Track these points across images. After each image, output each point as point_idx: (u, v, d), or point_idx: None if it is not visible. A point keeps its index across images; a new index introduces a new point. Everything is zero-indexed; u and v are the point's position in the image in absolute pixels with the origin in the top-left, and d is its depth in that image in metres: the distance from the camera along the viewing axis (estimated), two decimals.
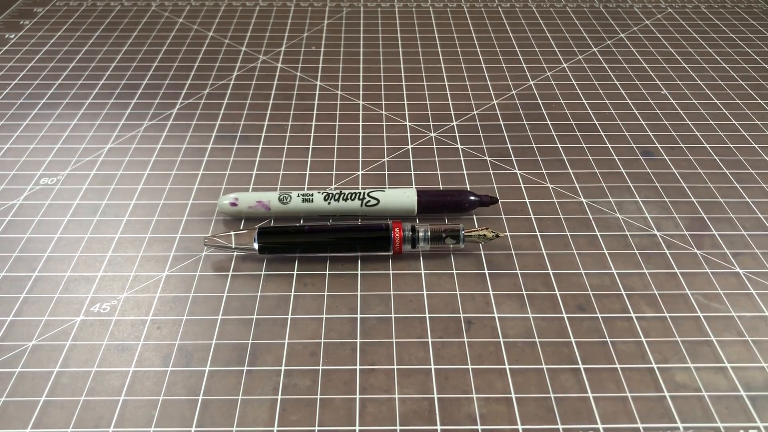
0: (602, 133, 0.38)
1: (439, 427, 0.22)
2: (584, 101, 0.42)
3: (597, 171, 0.35)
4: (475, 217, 0.32)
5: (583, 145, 0.37)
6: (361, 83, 0.44)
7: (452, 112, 0.40)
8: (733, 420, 0.22)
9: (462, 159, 0.36)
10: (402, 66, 0.46)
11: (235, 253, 0.29)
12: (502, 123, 0.39)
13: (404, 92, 0.43)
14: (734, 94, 0.42)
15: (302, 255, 0.29)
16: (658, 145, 0.37)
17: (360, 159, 0.36)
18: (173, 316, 0.26)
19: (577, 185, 0.34)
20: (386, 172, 0.35)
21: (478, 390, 0.23)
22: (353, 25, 0.52)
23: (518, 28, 0.52)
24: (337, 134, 0.38)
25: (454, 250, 0.29)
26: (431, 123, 0.39)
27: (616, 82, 0.44)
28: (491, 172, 0.35)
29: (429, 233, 0.29)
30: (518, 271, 0.29)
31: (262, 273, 0.29)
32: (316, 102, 0.42)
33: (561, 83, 0.44)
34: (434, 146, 0.37)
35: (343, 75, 0.45)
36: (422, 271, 0.29)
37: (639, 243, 0.30)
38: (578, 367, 0.24)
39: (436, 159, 0.36)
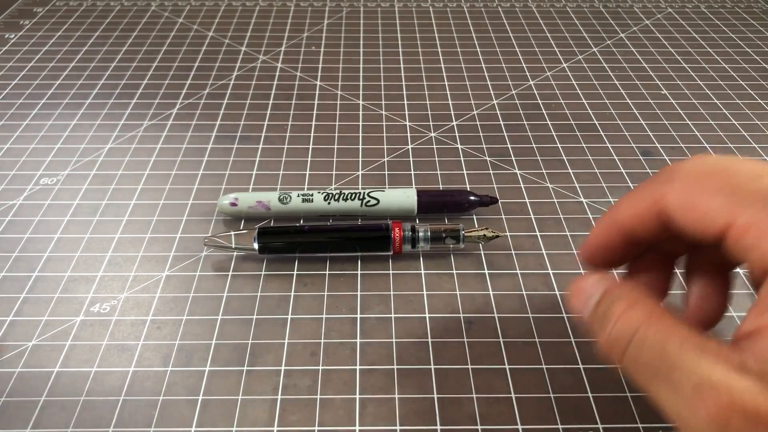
0: (602, 133, 0.38)
1: (439, 427, 0.22)
2: (584, 101, 0.42)
3: (597, 171, 0.35)
4: (475, 216, 0.32)
5: (583, 145, 0.37)
6: (361, 83, 0.44)
7: (452, 112, 0.40)
8: None
9: (462, 159, 0.36)
10: (402, 66, 0.46)
11: (235, 253, 0.29)
12: (502, 123, 0.39)
13: (404, 92, 0.43)
14: (734, 94, 0.42)
15: (302, 255, 0.29)
16: (658, 145, 0.37)
17: (360, 159, 0.36)
18: (173, 316, 0.26)
19: (577, 185, 0.34)
20: (386, 172, 0.35)
21: (478, 390, 0.23)
22: (353, 25, 0.52)
23: (518, 28, 0.52)
24: (337, 134, 0.38)
25: (454, 250, 0.29)
26: (431, 123, 0.39)
27: (616, 82, 0.44)
28: (491, 172, 0.35)
29: (429, 233, 0.29)
30: (518, 271, 0.29)
31: (262, 273, 0.29)
32: (316, 102, 0.42)
33: (561, 83, 0.44)
34: (434, 146, 0.37)
35: (343, 75, 0.45)
36: (422, 271, 0.29)
37: None
38: (578, 367, 0.24)
39: (436, 159, 0.36)
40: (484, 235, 0.29)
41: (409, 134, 0.38)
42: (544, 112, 0.41)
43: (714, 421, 0.14)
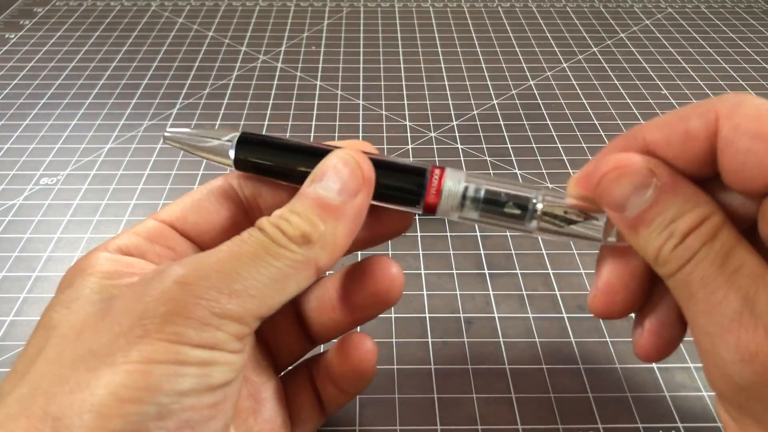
0: (602, 133, 0.38)
1: (439, 427, 0.22)
2: (584, 101, 0.42)
3: None
4: None
5: (583, 145, 0.37)
6: (361, 83, 0.44)
7: (452, 112, 0.40)
8: None
9: (462, 159, 0.36)
10: (402, 66, 0.46)
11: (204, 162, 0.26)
12: (502, 123, 0.39)
13: (404, 92, 0.43)
14: None
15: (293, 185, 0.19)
16: None
17: None
18: None
19: None
20: None
21: (478, 390, 0.23)
22: (353, 25, 0.52)
23: (518, 28, 0.52)
24: (337, 134, 0.38)
25: (512, 231, 0.22)
26: (431, 123, 0.39)
27: (616, 82, 0.44)
28: (491, 172, 0.35)
29: (482, 193, 0.19)
30: (518, 271, 0.29)
31: None
32: (316, 102, 0.42)
33: (561, 83, 0.44)
34: (434, 146, 0.37)
35: (343, 75, 0.45)
36: (422, 271, 0.29)
37: None
38: (578, 367, 0.24)
39: (436, 159, 0.36)
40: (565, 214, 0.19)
41: (409, 134, 0.38)
42: (544, 112, 0.41)
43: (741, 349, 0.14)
